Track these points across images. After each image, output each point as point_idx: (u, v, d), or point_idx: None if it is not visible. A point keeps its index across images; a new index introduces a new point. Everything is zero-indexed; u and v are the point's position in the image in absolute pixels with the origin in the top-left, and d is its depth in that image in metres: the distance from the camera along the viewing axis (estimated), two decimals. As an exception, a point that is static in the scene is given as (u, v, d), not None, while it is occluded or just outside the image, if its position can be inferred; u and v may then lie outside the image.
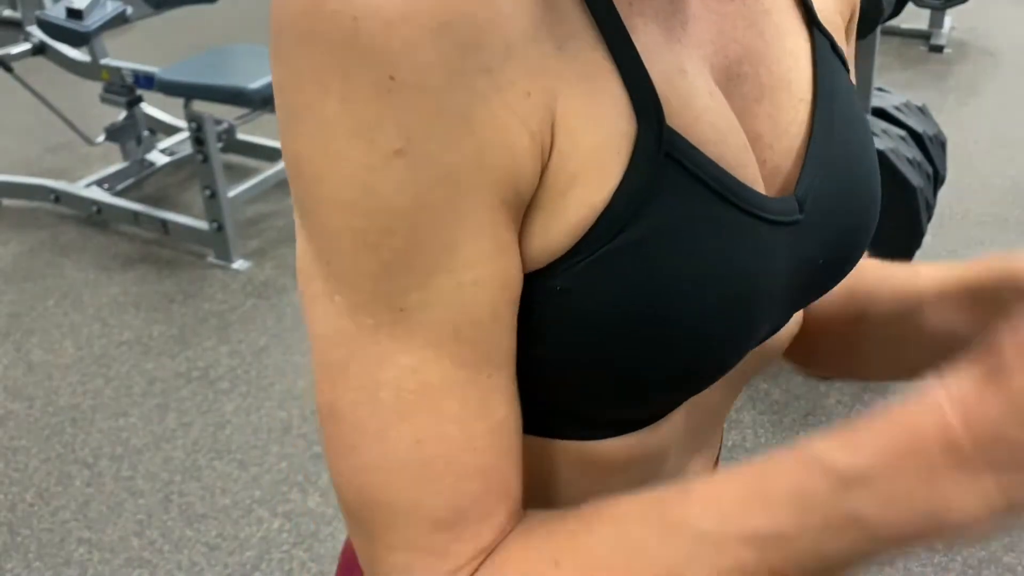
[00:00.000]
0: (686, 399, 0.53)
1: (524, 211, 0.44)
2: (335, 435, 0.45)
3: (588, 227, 0.43)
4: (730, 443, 2.21)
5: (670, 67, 0.46)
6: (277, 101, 0.42)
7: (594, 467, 0.53)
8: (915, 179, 2.20)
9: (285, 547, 1.98)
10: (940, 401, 0.39)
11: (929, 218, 2.33)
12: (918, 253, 2.33)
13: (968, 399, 0.39)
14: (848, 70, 0.58)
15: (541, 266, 0.44)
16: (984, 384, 0.39)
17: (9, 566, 1.96)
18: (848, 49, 0.63)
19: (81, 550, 1.99)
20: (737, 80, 0.51)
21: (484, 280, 0.42)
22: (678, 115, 0.45)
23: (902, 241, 2.27)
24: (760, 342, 0.56)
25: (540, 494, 0.54)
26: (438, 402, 0.43)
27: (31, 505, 2.12)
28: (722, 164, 0.47)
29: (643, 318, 0.45)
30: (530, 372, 0.47)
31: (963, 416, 0.39)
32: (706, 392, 0.53)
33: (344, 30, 0.38)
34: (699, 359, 0.48)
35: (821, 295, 0.58)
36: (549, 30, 0.42)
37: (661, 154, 0.44)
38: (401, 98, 0.39)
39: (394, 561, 0.45)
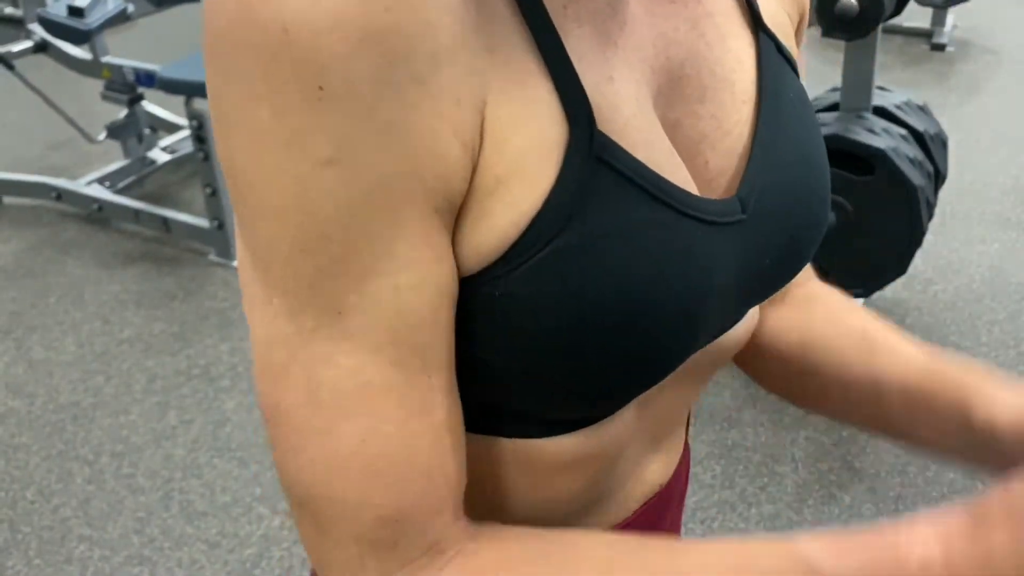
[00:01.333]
0: (633, 397, 0.53)
1: (455, 217, 0.44)
2: (280, 435, 0.46)
3: (521, 232, 0.44)
4: (730, 442, 2.22)
5: (600, 75, 0.47)
6: (211, 109, 0.43)
7: (543, 465, 0.54)
8: (916, 178, 2.20)
9: (285, 544, 1.98)
10: (928, 535, 0.42)
11: (930, 217, 2.33)
12: (919, 252, 2.32)
13: (952, 541, 0.42)
14: (796, 71, 0.59)
15: (475, 271, 0.45)
16: (970, 531, 0.41)
17: (10, 563, 1.97)
18: (797, 50, 0.64)
19: (82, 547, 2.00)
20: (679, 82, 0.51)
21: (420, 284, 0.43)
22: (608, 120, 0.46)
23: (903, 240, 2.27)
24: (712, 340, 0.57)
25: (488, 492, 0.55)
26: (378, 403, 0.44)
27: (32, 502, 2.12)
28: (655, 169, 0.47)
29: (582, 321, 0.45)
30: (474, 374, 0.48)
31: (945, 555, 0.41)
32: (657, 391, 0.54)
33: (274, 41, 0.39)
34: (641, 360, 0.48)
35: (772, 293, 0.58)
36: (479, 34, 0.43)
37: (593, 158, 0.45)
38: (330, 108, 0.39)
39: (344, 556, 0.46)
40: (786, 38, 0.60)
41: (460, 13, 0.42)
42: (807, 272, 0.73)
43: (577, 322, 0.45)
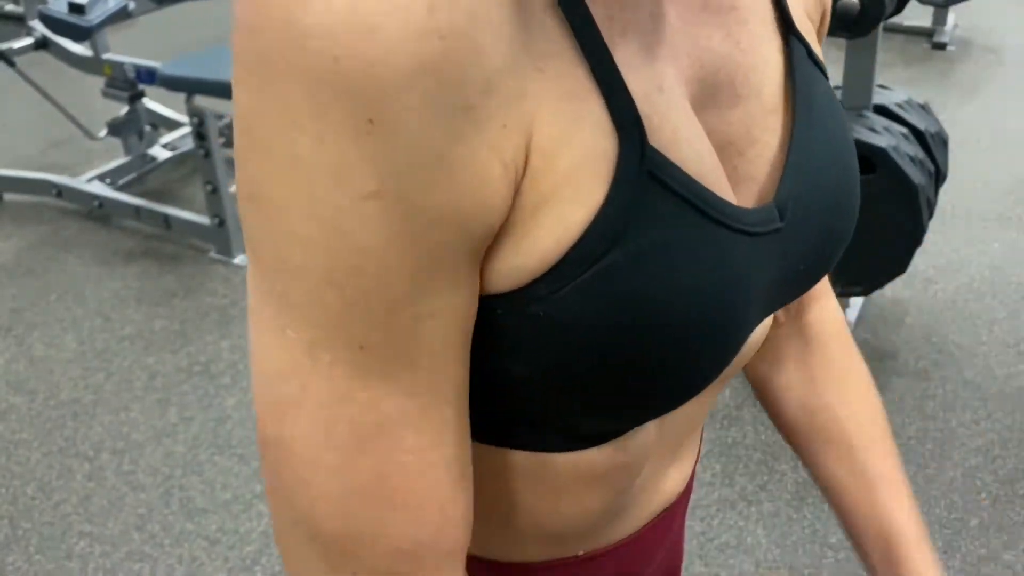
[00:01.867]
0: (669, 411, 0.53)
1: (494, 237, 0.43)
2: (284, 469, 0.44)
3: (567, 249, 0.42)
4: (730, 440, 2.22)
5: (649, 85, 0.45)
6: (239, 127, 0.41)
7: (570, 479, 0.54)
8: (917, 177, 2.20)
9: (285, 542, 1.98)
10: None
11: (930, 216, 2.33)
12: (919, 251, 2.33)
13: None
14: (826, 76, 0.58)
15: (514, 288, 0.43)
16: None
17: (10, 559, 1.97)
18: (819, 50, 0.64)
19: (82, 544, 2.00)
20: (713, 89, 0.50)
21: (439, 312, 0.42)
22: (658, 133, 0.45)
23: (903, 239, 2.27)
24: None
25: (512, 507, 0.54)
26: (396, 434, 0.43)
27: (32, 499, 2.12)
28: (702, 182, 0.46)
29: (627, 340, 0.44)
30: (507, 387, 0.47)
31: None
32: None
33: (324, 69, 0.37)
34: (683, 375, 0.48)
35: (796, 298, 0.58)
36: (529, 54, 0.41)
37: (644, 173, 0.43)
38: (378, 141, 0.38)
39: None
40: (812, 40, 0.59)
41: (510, 34, 0.40)
42: (816, 287, 0.73)
43: (622, 341, 0.44)
